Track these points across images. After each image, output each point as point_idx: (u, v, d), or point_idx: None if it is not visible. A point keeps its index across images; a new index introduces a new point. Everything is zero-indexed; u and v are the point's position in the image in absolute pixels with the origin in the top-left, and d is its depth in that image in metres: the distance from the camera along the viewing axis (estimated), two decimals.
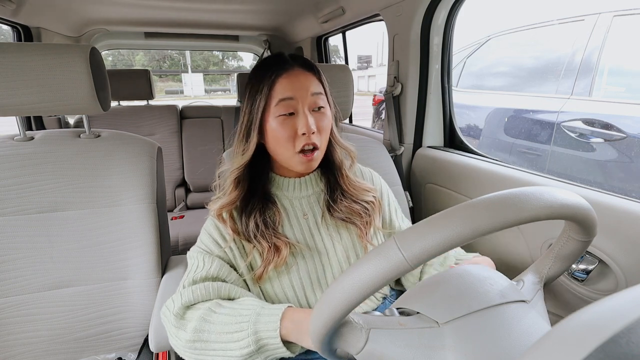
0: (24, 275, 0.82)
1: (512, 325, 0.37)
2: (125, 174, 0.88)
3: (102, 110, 0.86)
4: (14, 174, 0.82)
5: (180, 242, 1.63)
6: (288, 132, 0.63)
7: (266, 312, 0.53)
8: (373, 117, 4.69)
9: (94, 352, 0.88)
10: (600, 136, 1.76)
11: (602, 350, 0.19)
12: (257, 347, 0.51)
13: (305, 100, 0.63)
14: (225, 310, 0.55)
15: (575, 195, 0.37)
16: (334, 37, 2.13)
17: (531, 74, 2.42)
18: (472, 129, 2.63)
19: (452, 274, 0.44)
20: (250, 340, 0.51)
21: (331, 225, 0.71)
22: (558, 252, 0.48)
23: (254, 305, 0.56)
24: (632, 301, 0.22)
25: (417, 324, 0.39)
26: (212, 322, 0.54)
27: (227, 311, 0.55)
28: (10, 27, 1.54)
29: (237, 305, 0.56)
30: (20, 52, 0.77)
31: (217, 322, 0.54)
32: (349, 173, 0.73)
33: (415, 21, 1.22)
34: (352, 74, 1.10)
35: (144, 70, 1.95)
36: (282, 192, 0.72)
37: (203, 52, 15.46)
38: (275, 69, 0.63)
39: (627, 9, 1.82)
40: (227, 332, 0.53)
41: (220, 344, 0.53)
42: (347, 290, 0.33)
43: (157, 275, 0.89)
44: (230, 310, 0.55)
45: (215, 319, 0.54)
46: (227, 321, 0.54)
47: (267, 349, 0.52)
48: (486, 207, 0.32)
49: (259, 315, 0.53)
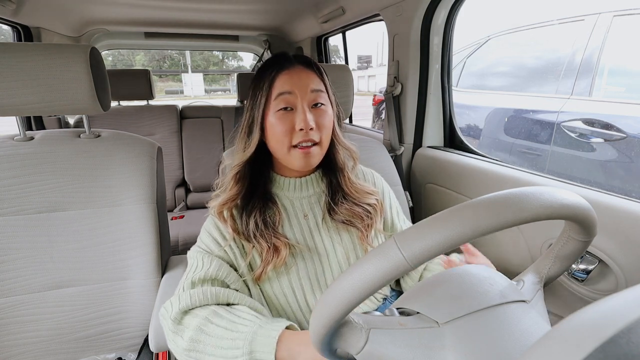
0: (24, 275, 0.82)
1: (512, 325, 0.37)
2: (125, 174, 0.88)
3: (102, 110, 0.86)
4: (14, 174, 0.82)
5: (180, 242, 1.63)
6: (285, 126, 0.63)
7: (263, 333, 0.52)
8: (373, 117, 4.68)
9: (94, 352, 0.88)
10: (600, 136, 1.76)
11: (602, 350, 0.19)
12: None
13: (305, 96, 0.63)
14: (223, 322, 0.54)
15: (575, 195, 0.37)
16: (334, 37, 2.13)
17: (531, 74, 2.42)
18: (472, 129, 2.63)
19: (452, 274, 0.44)
20: (245, 359, 0.51)
21: (331, 226, 0.71)
22: (558, 252, 0.48)
23: (252, 321, 0.55)
24: (632, 301, 0.22)
25: (417, 324, 0.39)
26: (209, 333, 0.53)
27: (224, 323, 0.54)
28: (10, 27, 1.55)
29: (236, 317, 0.55)
30: (20, 52, 0.77)
31: (214, 334, 0.53)
32: (351, 175, 0.73)
33: (415, 21, 1.22)
34: (352, 74, 1.10)
35: (144, 70, 1.95)
36: (282, 192, 0.71)
37: (203, 52, 15.46)
38: (276, 66, 0.64)
39: (627, 9, 1.82)
40: (222, 347, 0.52)
41: (215, 358, 0.52)
42: (347, 290, 0.33)
43: (157, 275, 0.89)
44: (228, 322, 0.54)
45: (212, 330, 0.54)
46: (223, 335, 0.53)
47: None
48: (486, 207, 0.32)
49: (255, 334, 0.52)
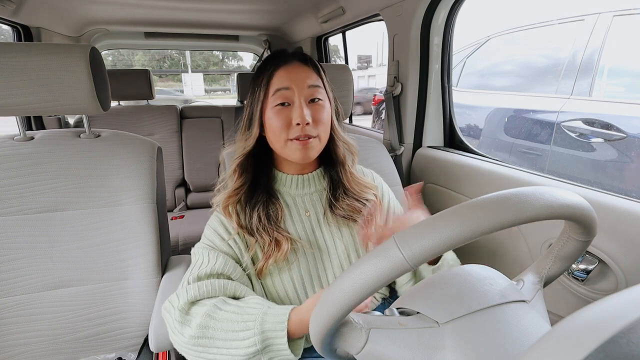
0: (24, 275, 0.82)
1: (512, 325, 0.37)
2: (125, 174, 0.88)
3: (102, 110, 0.86)
4: (14, 174, 0.82)
5: (180, 242, 1.63)
6: (282, 121, 0.64)
7: (273, 312, 0.53)
8: (373, 117, 4.69)
9: (94, 352, 0.88)
10: (600, 136, 1.76)
11: (602, 350, 0.19)
12: (262, 346, 0.51)
13: (302, 91, 0.64)
14: (231, 307, 0.55)
15: (575, 195, 0.37)
16: (334, 37, 2.12)
17: (532, 74, 2.42)
18: (472, 129, 2.63)
19: (452, 274, 0.44)
20: (257, 339, 0.51)
21: (333, 222, 0.71)
22: (558, 252, 0.48)
23: (260, 304, 0.56)
24: (632, 301, 0.22)
25: (417, 324, 0.39)
26: (218, 319, 0.54)
27: (233, 309, 0.55)
28: (10, 27, 1.55)
29: (243, 303, 0.56)
30: (20, 52, 0.77)
31: (223, 319, 0.54)
32: (352, 169, 0.74)
33: (415, 21, 1.22)
34: (352, 74, 1.10)
35: (144, 70, 1.95)
36: (285, 189, 0.72)
37: (203, 52, 15.46)
38: (274, 63, 0.66)
39: (627, 9, 1.82)
40: (232, 330, 0.53)
41: (225, 341, 0.52)
42: (347, 290, 0.33)
43: (157, 275, 0.89)
44: (236, 308, 0.55)
45: (221, 316, 0.54)
46: (233, 319, 0.53)
47: (272, 349, 0.52)
48: (486, 207, 0.32)
49: (265, 314, 0.53)
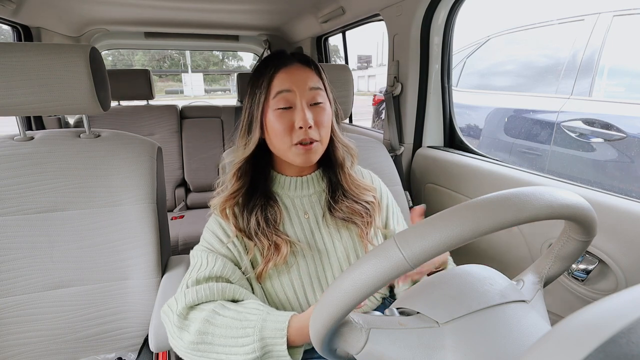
0: (24, 275, 0.82)
1: (512, 325, 0.37)
2: (125, 174, 0.88)
3: (102, 110, 0.86)
4: (14, 174, 0.82)
5: (180, 242, 1.63)
6: (285, 124, 0.63)
7: (272, 318, 0.53)
8: (373, 117, 4.68)
9: (94, 352, 0.88)
10: (600, 136, 1.76)
11: (602, 350, 0.19)
12: (262, 352, 0.51)
13: (304, 94, 0.63)
14: (230, 313, 0.55)
15: (575, 195, 0.37)
16: (334, 37, 2.12)
17: (532, 74, 2.42)
18: (472, 129, 2.63)
19: (452, 274, 0.44)
20: (256, 346, 0.51)
21: (332, 224, 0.71)
22: (558, 252, 0.48)
23: (259, 310, 0.55)
24: (632, 301, 0.22)
25: (417, 324, 0.39)
26: (217, 324, 0.53)
27: (232, 314, 0.54)
28: (10, 27, 1.54)
29: (242, 308, 0.56)
30: (20, 52, 0.77)
31: (222, 325, 0.53)
32: (351, 171, 0.73)
33: (415, 21, 1.22)
34: (352, 74, 1.10)
35: (144, 70, 1.95)
36: (283, 191, 0.72)
37: (203, 52, 15.47)
38: (274, 64, 0.64)
39: (627, 9, 1.82)
40: (232, 336, 0.52)
41: (224, 347, 0.52)
42: (347, 290, 0.33)
43: (157, 275, 0.89)
44: (235, 313, 0.54)
45: (219, 321, 0.54)
46: (232, 325, 0.53)
47: (271, 355, 0.52)
48: (486, 207, 0.32)
49: (265, 320, 0.52)
